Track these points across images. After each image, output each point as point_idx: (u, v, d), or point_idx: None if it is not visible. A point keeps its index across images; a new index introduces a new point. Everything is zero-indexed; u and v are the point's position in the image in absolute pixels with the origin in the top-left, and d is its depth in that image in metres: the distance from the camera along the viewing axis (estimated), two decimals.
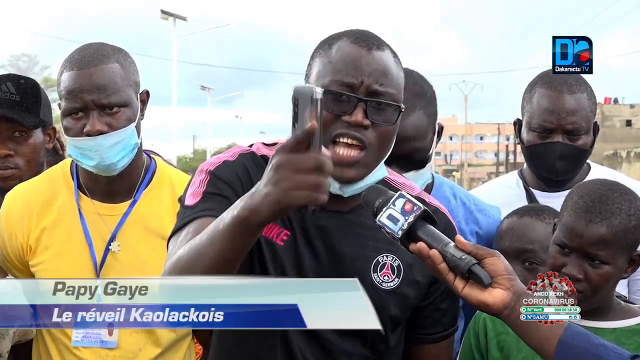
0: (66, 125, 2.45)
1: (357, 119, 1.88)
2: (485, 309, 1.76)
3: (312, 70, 1.97)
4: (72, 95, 2.41)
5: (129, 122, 2.44)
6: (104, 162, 2.42)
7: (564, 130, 2.71)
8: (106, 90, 2.40)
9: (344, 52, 1.93)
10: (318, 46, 2.00)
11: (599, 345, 1.73)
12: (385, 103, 1.91)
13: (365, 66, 1.91)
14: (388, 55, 1.95)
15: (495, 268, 1.75)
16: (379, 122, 1.91)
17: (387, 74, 1.93)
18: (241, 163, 1.98)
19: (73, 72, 2.42)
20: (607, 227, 2.03)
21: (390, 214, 1.79)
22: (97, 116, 2.40)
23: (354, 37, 1.95)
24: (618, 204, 2.06)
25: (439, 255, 1.75)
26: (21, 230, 2.53)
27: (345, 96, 1.89)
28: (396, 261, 2.01)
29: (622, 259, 2.07)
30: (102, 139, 2.40)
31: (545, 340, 1.74)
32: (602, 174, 2.81)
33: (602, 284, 2.04)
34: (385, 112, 1.92)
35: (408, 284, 2.01)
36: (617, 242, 2.04)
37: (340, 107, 1.89)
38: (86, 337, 2.48)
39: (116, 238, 2.50)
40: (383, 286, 1.99)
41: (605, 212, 2.05)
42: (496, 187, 3.02)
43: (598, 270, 2.04)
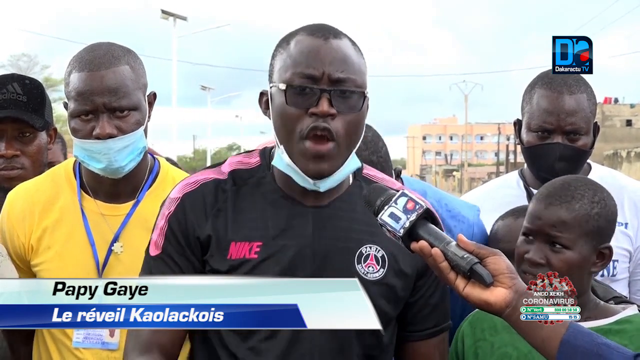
0: (74, 127, 2.43)
1: (322, 109, 1.89)
2: (487, 308, 1.76)
3: (274, 69, 1.99)
4: (83, 97, 2.38)
5: (138, 126, 2.42)
6: (112, 165, 2.41)
7: (564, 131, 2.70)
8: (117, 93, 2.38)
9: (302, 45, 1.94)
10: (277, 45, 2.02)
11: (602, 344, 1.73)
12: (349, 91, 1.92)
13: (325, 56, 1.92)
14: (346, 43, 1.97)
15: (497, 267, 1.75)
16: (345, 110, 1.92)
17: (347, 61, 1.94)
18: (198, 196, 2.02)
19: (83, 73, 2.39)
20: (567, 210, 2.05)
21: (392, 212, 1.78)
22: (107, 119, 2.38)
23: (310, 30, 1.97)
24: (581, 190, 2.08)
25: (440, 254, 1.75)
26: (23, 229, 2.53)
27: (308, 89, 1.90)
28: (380, 252, 2.00)
29: (586, 247, 2.06)
30: (112, 143, 2.38)
31: (547, 339, 1.74)
32: (603, 174, 2.81)
33: (563, 269, 2.02)
34: (350, 99, 1.93)
35: (394, 274, 2.01)
36: (577, 227, 2.04)
37: (305, 101, 1.91)
38: (87, 338, 2.47)
39: (119, 239, 2.49)
40: (368, 277, 1.98)
41: (566, 196, 2.07)
42: (496, 187, 3.02)
43: (559, 255, 2.05)
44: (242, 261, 1.95)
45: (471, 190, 3.22)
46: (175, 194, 2.05)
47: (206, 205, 2.00)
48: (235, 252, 1.96)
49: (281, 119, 1.94)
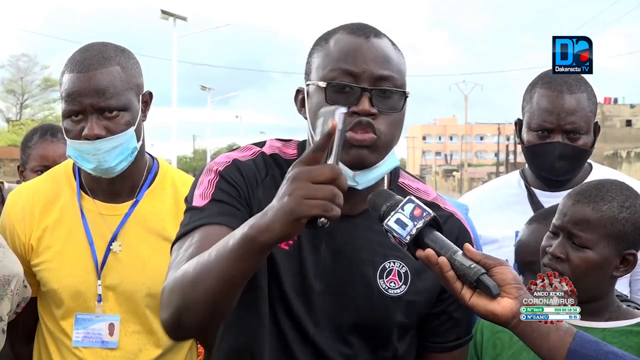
0: (66, 127, 2.44)
1: (364, 107, 1.84)
2: (493, 319, 1.74)
3: (312, 67, 1.95)
4: (71, 98, 2.40)
5: (127, 126, 2.42)
6: (101, 165, 2.42)
7: (564, 130, 2.70)
8: (105, 94, 2.38)
9: (342, 43, 1.90)
10: (315, 43, 1.98)
11: (608, 352, 1.72)
12: (390, 90, 1.88)
13: (366, 53, 1.88)
14: (387, 43, 1.93)
15: (504, 277, 1.72)
16: (386, 110, 1.88)
17: (389, 60, 1.90)
18: (250, 164, 1.96)
19: (73, 74, 2.40)
20: (593, 209, 2.04)
21: (399, 218, 1.74)
22: (95, 120, 2.39)
23: (350, 29, 1.93)
24: (612, 193, 2.07)
25: (447, 263, 1.72)
26: (23, 229, 2.53)
27: (349, 87, 1.86)
28: (404, 267, 1.96)
29: (608, 249, 2.05)
30: (100, 143, 2.39)
31: (555, 349, 1.72)
32: (604, 174, 2.81)
33: (582, 267, 2.02)
34: (391, 99, 1.88)
35: (415, 292, 1.97)
36: (601, 227, 2.03)
37: (346, 99, 1.86)
38: (87, 337, 2.48)
39: (117, 238, 2.50)
40: (389, 293, 1.94)
41: (596, 196, 2.06)
42: (497, 187, 3.01)
43: (580, 253, 2.04)
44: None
45: (471, 190, 3.21)
46: (222, 159, 1.96)
47: (258, 172, 1.94)
48: None
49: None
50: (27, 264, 2.52)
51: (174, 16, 33.18)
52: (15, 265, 2.37)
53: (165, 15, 33.02)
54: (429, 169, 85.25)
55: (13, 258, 2.40)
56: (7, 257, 2.37)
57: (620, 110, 53.40)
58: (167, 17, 33.07)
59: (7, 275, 2.33)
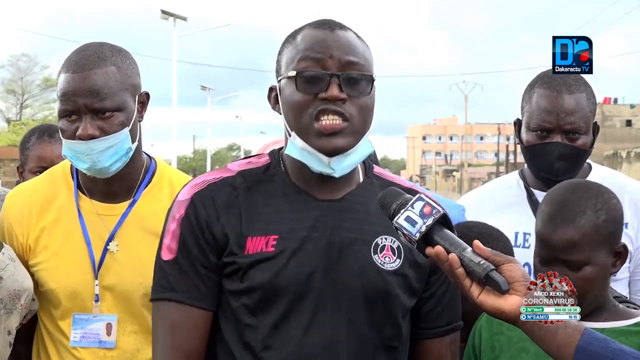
0: (61, 127, 2.45)
1: (332, 93, 1.91)
2: (501, 316, 1.75)
3: (281, 64, 2.02)
4: (66, 97, 2.40)
5: (122, 127, 2.42)
6: (95, 165, 2.42)
7: (563, 131, 2.70)
8: (99, 94, 2.38)
9: (309, 37, 1.98)
10: (283, 42, 2.05)
11: (616, 350, 1.72)
12: (358, 75, 1.94)
13: (332, 42, 1.95)
14: (352, 34, 2.01)
15: (513, 274, 1.73)
16: (355, 94, 1.94)
17: (355, 48, 1.97)
18: (209, 196, 1.99)
19: (68, 74, 2.41)
20: (574, 229, 2.01)
21: (409, 215, 1.77)
22: (89, 120, 2.39)
23: (316, 24, 2.01)
24: (579, 205, 2.04)
25: (457, 260, 1.74)
26: (21, 229, 2.53)
27: (318, 74, 1.93)
28: (395, 242, 2.00)
29: (602, 255, 2.04)
30: (94, 144, 2.39)
31: (563, 346, 1.72)
32: (604, 174, 2.81)
33: (587, 284, 2.01)
34: (359, 84, 1.95)
35: (409, 265, 2.00)
36: (589, 241, 2.02)
37: (315, 86, 1.92)
38: (84, 337, 2.47)
39: (115, 238, 2.49)
40: (386, 267, 1.98)
41: (568, 214, 2.03)
42: (497, 187, 3.01)
43: (579, 273, 2.01)
44: (259, 255, 1.94)
45: (471, 191, 3.21)
46: (184, 195, 2.03)
47: (217, 203, 1.99)
48: (252, 246, 1.94)
49: (292, 106, 1.95)
50: (26, 265, 2.51)
51: (174, 16, 33.18)
52: (26, 280, 2.40)
53: (165, 15, 33.02)
54: (429, 169, 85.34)
55: (24, 272, 2.41)
56: (18, 271, 2.39)
57: (620, 110, 53.40)
58: (167, 17, 33.08)
59: (18, 290, 2.36)
